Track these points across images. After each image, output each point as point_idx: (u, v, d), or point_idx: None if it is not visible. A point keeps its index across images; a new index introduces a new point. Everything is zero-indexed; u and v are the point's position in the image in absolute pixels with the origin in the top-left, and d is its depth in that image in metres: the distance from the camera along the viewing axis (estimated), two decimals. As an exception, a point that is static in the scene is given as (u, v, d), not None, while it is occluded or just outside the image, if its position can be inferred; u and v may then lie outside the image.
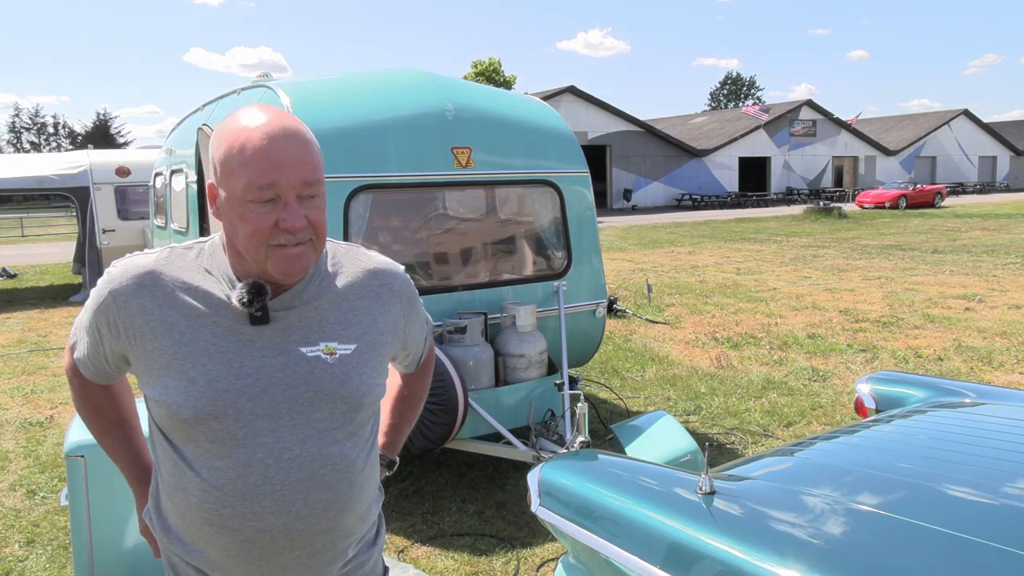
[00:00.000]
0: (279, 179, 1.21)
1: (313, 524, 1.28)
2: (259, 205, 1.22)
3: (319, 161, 1.27)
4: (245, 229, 1.23)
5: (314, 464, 1.27)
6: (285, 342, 1.29)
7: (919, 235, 19.85)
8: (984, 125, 54.40)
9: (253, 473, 1.24)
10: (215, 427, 1.23)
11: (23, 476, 4.65)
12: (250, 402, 1.24)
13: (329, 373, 1.30)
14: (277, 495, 1.25)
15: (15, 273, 15.09)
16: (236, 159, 1.22)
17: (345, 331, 1.34)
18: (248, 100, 4.72)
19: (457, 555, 3.59)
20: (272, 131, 1.22)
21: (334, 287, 1.36)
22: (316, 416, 1.28)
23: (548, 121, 4.84)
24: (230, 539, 1.26)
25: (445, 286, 4.38)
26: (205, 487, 1.25)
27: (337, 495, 1.29)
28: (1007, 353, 7.09)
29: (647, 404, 5.83)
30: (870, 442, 2.18)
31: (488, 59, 47.07)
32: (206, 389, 1.23)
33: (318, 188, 1.27)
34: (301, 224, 1.24)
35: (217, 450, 1.24)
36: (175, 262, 1.31)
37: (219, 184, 1.27)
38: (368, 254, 1.46)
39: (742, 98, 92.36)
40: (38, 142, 71.20)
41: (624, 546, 1.70)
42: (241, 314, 1.28)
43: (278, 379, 1.26)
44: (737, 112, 47.99)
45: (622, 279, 12.52)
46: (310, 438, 1.27)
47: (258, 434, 1.24)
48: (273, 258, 1.25)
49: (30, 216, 35.94)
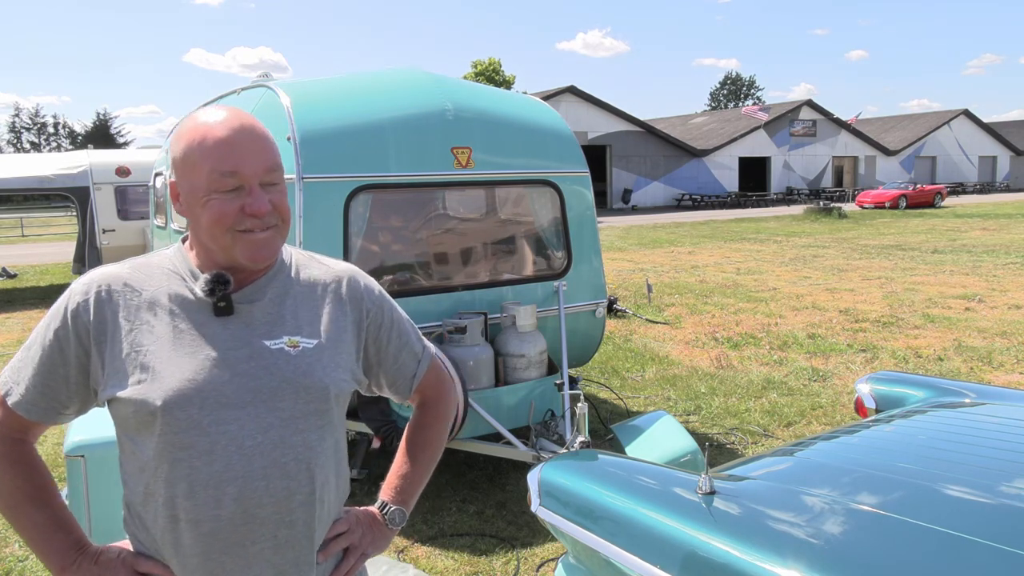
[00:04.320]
0: (242, 167, 1.25)
1: (274, 512, 1.28)
2: (223, 194, 1.25)
3: (277, 151, 1.32)
4: (209, 217, 1.26)
5: (276, 452, 1.28)
6: (249, 335, 1.31)
7: (919, 235, 19.85)
8: (984, 125, 54.39)
9: (217, 460, 1.25)
10: (180, 416, 1.24)
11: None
12: (215, 391, 1.26)
13: (292, 364, 1.31)
14: (240, 482, 1.25)
15: (15, 273, 15.09)
16: (197, 151, 1.25)
17: (308, 327, 1.36)
18: (248, 100, 4.72)
19: (457, 555, 3.59)
20: (231, 124, 1.27)
21: (296, 286, 1.39)
22: (280, 405, 1.29)
23: (548, 121, 4.84)
24: (193, 533, 1.26)
25: (445, 286, 4.38)
26: (171, 480, 1.25)
27: (298, 485, 1.30)
28: (1007, 353, 7.09)
29: (647, 404, 5.83)
30: (870, 442, 2.18)
31: (488, 59, 47.07)
32: (171, 380, 1.24)
33: (279, 175, 1.31)
34: (266, 208, 1.27)
35: (182, 440, 1.24)
36: (139, 269, 1.34)
37: (180, 180, 1.30)
38: (329, 259, 1.48)
39: (742, 98, 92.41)
40: (38, 142, 71.22)
41: (624, 546, 1.70)
42: (206, 307, 1.30)
43: (243, 370, 1.28)
44: (737, 112, 47.99)
45: (622, 279, 12.52)
46: (273, 427, 1.28)
47: (222, 422, 1.25)
48: (240, 244, 1.27)
49: (30, 216, 35.93)
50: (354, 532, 1.45)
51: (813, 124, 45.08)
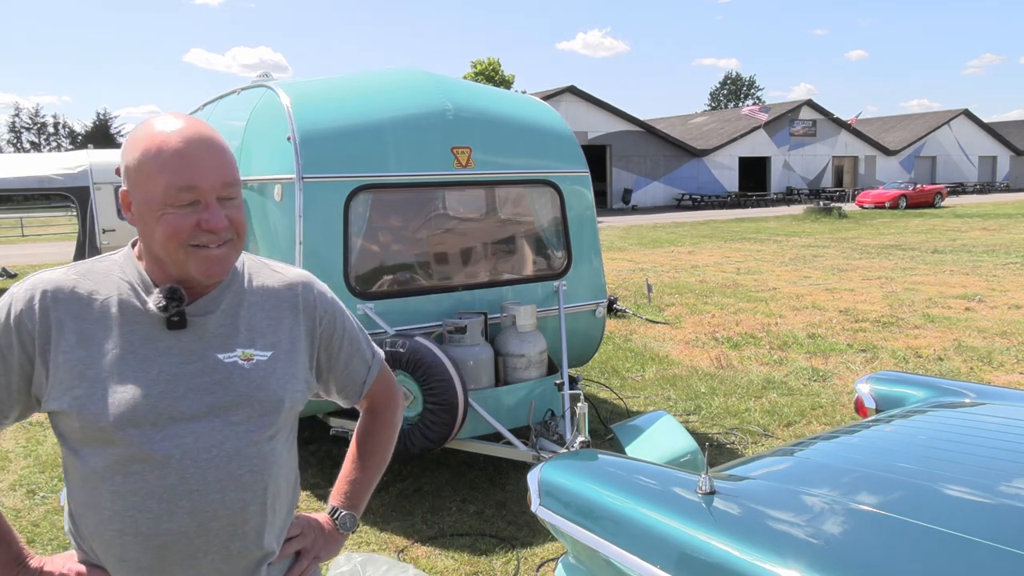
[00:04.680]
0: (199, 182, 1.22)
1: (228, 525, 1.27)
2: (178, 208, 1.22)
3: (235, 164, 1.29)
4: (164, 231, 1.23)
5: (232, 464, 1.27)
6: (203, 348, 1.29)
7: (919, 235, 19.85)
8: (984, 125, 54.37)
9: (172, 474, 1.23)
10: (133, 433, 1.22)
11: (23, 476, 4.65)
12: (169, 407, 1.24)
13: (246, 378, 1.30)
14: (195, 495, 1.24)
15: (15, 273, 15.09)
16: (153, 162, 1.21)
17: (261, 339, 1.34)
18: (248, 100, 4.72)
19: (457, 555, 3.59)
20: (188, 135, 1.22)
21: (250, 296, 1.37)
22: (234, 419, 1.28)
23: (548, 121, 4.85)
24: (142, 547, 1.24)
25: (445, 286, 4.38)
26: (120, 493, 1.23)
27: (252, 496, 1.29)
28: (1007, 353, 7.09)
29: (647, 404, 5.83)
30: (870, 442, 2.18)
31: (488, 59, 47.08)
32: (123, 395, 1.22)
33: (236, 189, 1.28)
34: (223, 224, 1.24)
35: (134, 455, 1.22)
36: (86, 276, 1.30)
37: (133, 190, 1.26)
38: (283, 266, 1.46)
39: (742, 98, 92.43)
40: (38, 142, 71.25)
41: (624, 546, 1.70)
42: (158, 320, 1.27)
43: (196, 384, 1.26)
44: (737, 112, 47.96)
45: (622, 279, 12.52)
46: (228, 439, 1.27)
47: (176, 436, 1.24)
48: (194, 259, 1.25)
49: (30, 216, 35.92)
50: (307, 536, 1.46)
51: (813, 124, 45.08)
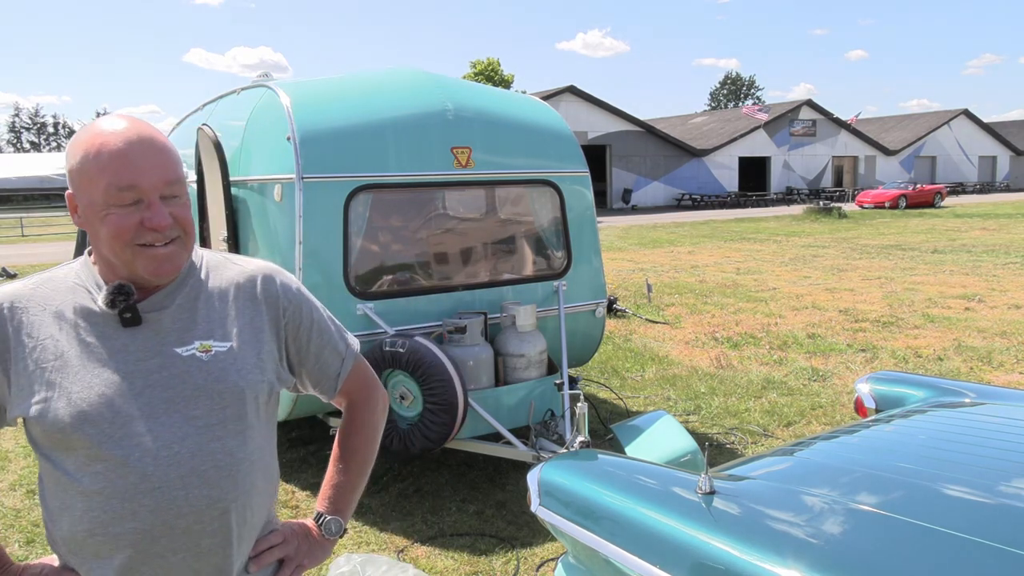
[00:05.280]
0: (139, 181, 1.22)
1: (195, 522, 1.26)
2: (121, 208, 1.22)
3: (178, 163, 1.28)
4: (108, 232, 1.23)
5: (194, 460, 1.26)
6: (160, 344, 1.28)
7: (919, 235, 19.85)
8: (984, 125, 54.36)
9: (132, 473, 1.23)
10: (91, 432, 1.22)
11: (23, 476, 4.65)
12: (126, 404, 1.24)
13: (204, 370, 1.29)
14: (156, 493, 1.23)
15: (15, 273, 15.09)
16: (93, 164, 1.22)
17: (220, 330, 1.33)
18: (248, 100, 4.72)
19: (457, 555, 3.59)
20: (129, 136, 1.23)
21: (207, 288, 1.36)
22: (194, 413, 1.27)
23: (548, 121, 4.85)
24: (112, 546, 1.24)
25: (445, 286, 4.38)
26: (87, 494, 1.23)
27: (220, 493, 1.27)
28: (1007, 353, 7.09)
29: (647, 404, 5.83)
30: (870, 442, 2.18)
31: (487, 59, 47.07)
32: (80, 396, 1.22)
33: (180, 188, 1.28)
34: (167, 222, 1.24)
35: (96, 454, 1.23)
36: (44, 284, 1.31)
37: (78, 192, 1.26)
38: (244, 259, 1.45)
39: (742, 98, 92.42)
40: (38, 142, 71.26)
41: (624, 546, 1.70)
42: (112, 320, 1.27)
43: (154, 381, 1.26)
44: (737, 112, 47.97)
45: (622, 279, 12.52)
46: (189, 435, 1.26)
47: (135, 435, 1.23)
48: (141, 258, 1.25)
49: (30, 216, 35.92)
50: (289, 543, 1.44)
51: (813, 124, 45.07)
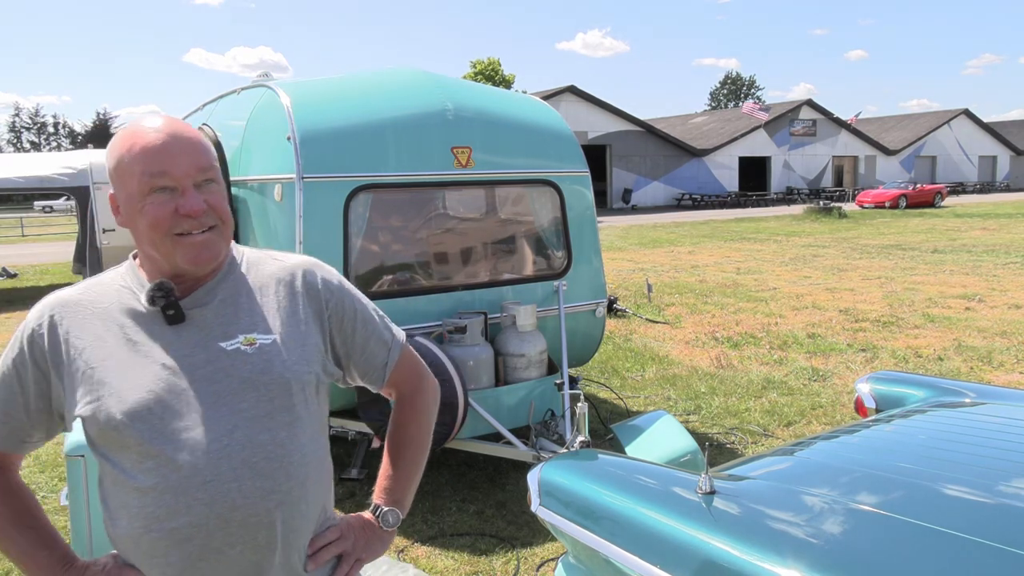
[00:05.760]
0: (172, 168, 1.25)
1: (251, 515, 1.26)
2: (156, 195, 1.25)
3: (210, 153, 1.31)
4: (146, 223, 1.26)
5: (244, 452, 1.26)
6: (204, 339, 1.30)
7: (919, 235, 19.84)
8: (984, 125, 54.36)
9: (184, 467, 1.24)
10: (142, 428, 1.24)
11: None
12: (175, 399, 1.25)
13: (250, 363, 1.30)
14: (209, 486, 1.24)
15: (15, 273, 15.09)
16: (127, 158, 1.26)
17: (263, 323, 1.34)
18: (248, 100, 4.72)
19: (457, 555, 3.59)
20: (161, 129, 1.27)
21: (249, 283, 1.38)
22: (241, 406, 1.28)
23: (548, 121, 4.84)
24: (168, 541, 1.25)
25: (445, 286, 4.38)
26: (141, 490, 1.25)
27: (274, 484, 1.28)
28: (1007, 353, 7.09)
29: (647, 404, 5.83)
30: (870, 442, 2.18)
31: (487, 59, 47.06)
32: (130, 394, 1.24)
33: (213, 174, 1.30)
34: (201, 208, 1.26)
35: (148, 451, 1.24)
36: (91, 289, 1.35)
37: (117, 190, 1.30)
38: (283, 254, 1.47)
39: (742, 98, 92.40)
40: (38, 142, 71.27)
41: (624, 546, 1.70)
42: (157, 318, 1.29)
43: (200, 375, 1.28)
44: (737, 112, 47.94)
45: (622, 279, 12.51)
46: (238, 427, 1.27)
47: (185, 429, 1.25)
48: (180, 248, 1.27)
49: (30, 216, 35.91)
50: (346, 538, 1.43)
51: (813, 124, 45.07)
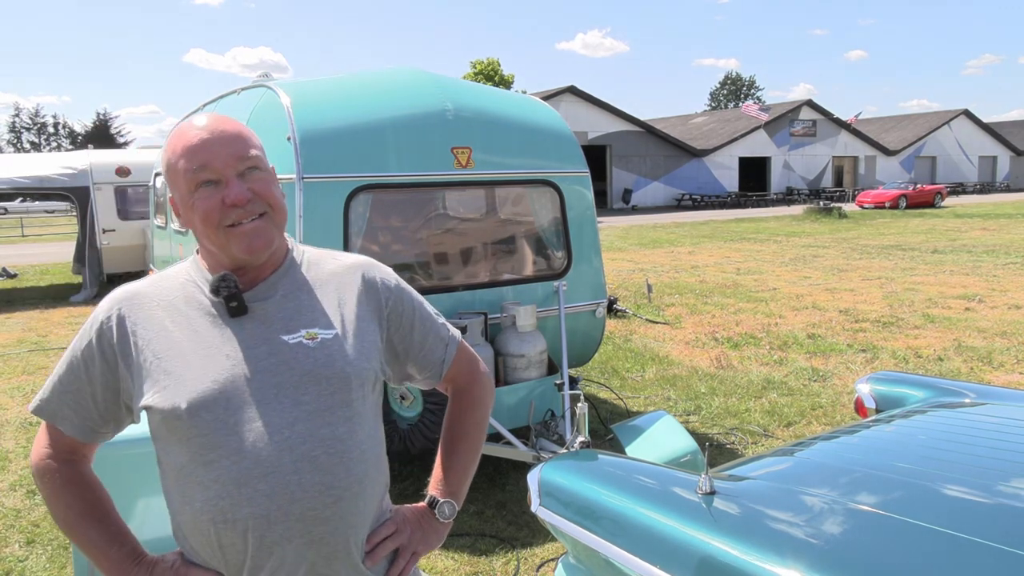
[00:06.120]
0: (211, 160, 1.28)
1: (309, 508, 1.27)
2: (203, 190, 1.28)
3: (251, 141, 1.33)
4: (199, 218, 1.29)
5: (305, 446, 1.27)
6: (267, 332, 1.32)
7: (919, 235, 19.84)
8: (984, 125, 54.36)
9: (246, 458, 1.25)
10: (207, 418, 1.25)
11: (23, 476, 4.65)
12: (238, 390, 1.27)
13: (312, 356, 1.31)
14: (270, 477, 1.25)
15: (15, 273, 15.09)
16: (174, 159, 1.30)
17: (324, 318, 1.36)
18: (248, 100, 4.72)
19: (457, 555, 3.59)
20: (203, 126, 1.31)
21: (309, 279, 1.40)
22: (303, 399, 1.29)
23: (548, 121, 4.84)
24: (233, 533, 1.26)
25: (445, 286, 4.38)
26: (204, 483, 1.26)
27: (333, 479, 1.28)
28: (1007, 353, 7.09)
29: (647, 404, 5.83)
30: (870, 442, 2.18)
31: (487, 59, 47.04)
32: (194, 383, 1.26)
33: (256, 162, 1.32)
34: (245, 195, 1.29)
35: (210, 442, 1.26)
36: (159, 282, 1.38)
37: (172, 191, 1.35)
38: (342, 253, 1.50)
39: (742, 98, 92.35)
40: (38, 142, 71.22)
41: (624, 546, 1.70)
42: (221, 310, 1.32)
43: (263, 367, 1.29)
44: (737, 112, 47.94)
45: (622, 279, 12.52)
46: (299, 420, 1.28)
47: (248, 420, 1.26)
48: (233, 239, 1.29)
49: (30, 216, 35.92)
50: (402, 532, 1.43)
51: (813, 124, 45.08)
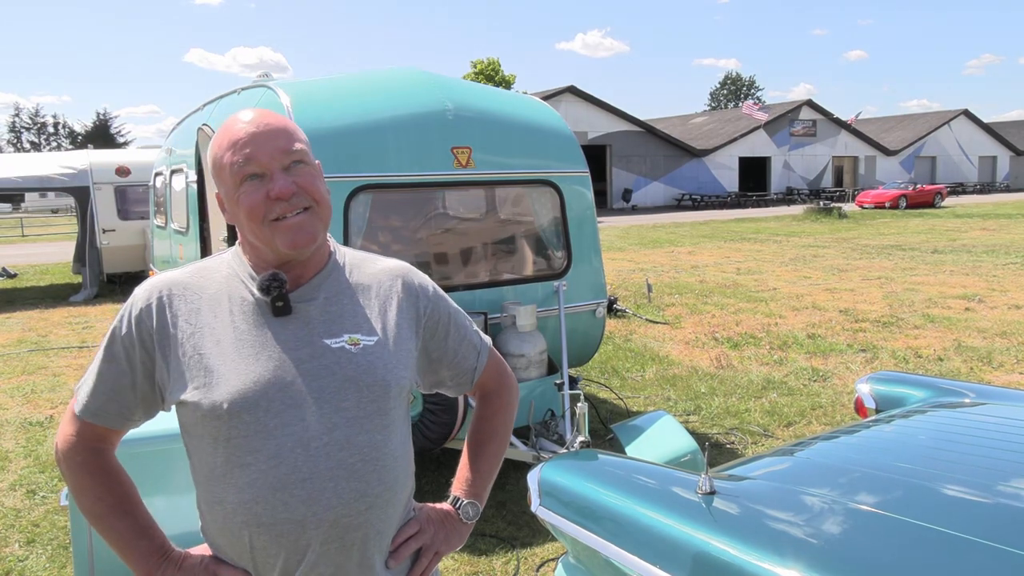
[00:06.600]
0: (256, 154, 1.27)
1: (343, 515, 1.27)
2: (248, 184, 1.28)
3: (296, 135, 1.33)
4: (244, 212, 1.28)
5: (342, 453, 1.27)
6: (309, 334, 1.31)
7: (919, 235, 19.84)
8: (984, 125, 54.35)
9: (284, 463, 1.24)
10: (247, 419, 1.24)
11: (23, 476, 4.65)
12: (279, 392, 1.26)
13: (354, 362, 1.30)
14: (306, 483, 1.25)
15: (15, 273, 15.09)
16: (220, 153, 1.31)
17: (366, 324, 1.35)
18: (248, 100, 4.72)
19: (457, 555, 3.59)
20: (250, 119, 1.31)
21: (351, 284, 1.39)
22: (344, 404, 1.28)
23: (548, 121, 4.84)
24: (266, 536, 1.26)
25: (445, 286, 4.34)
26: (239, 486, 1.25)
27: (366, 487, 1.28)
28: (1007, 353, 7.09)
29: (647, 404, 5.83)
30: (870, 442, 2.18)
31: (488, 59, 47.03)
32: (236, 382, 1.25)
33: (301, 156, 1.32)
34: (290, 189, 1.28)
35: (249, 444, 1.25)
36: (199, 273, 1.36)
37: (219, 187, 1.34)
38: (382, 258, 1.49)
39: (742, 98, 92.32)
40: (38, 142, 71.18)
41: (624, 546, 1.70)
42: (265, 309, 1.31)
43: (305, 370, 1.28)
44: (737, 112, 47.94)
45: (622, 279, 12.51)
46: (338, 426, 1.27)
47: (287, 423, 1.25)
48: (277, 233, 1.28)
49: (30, 216, 35.92)
50: (425, 532, 1.43)
51: (813, 124, 45.07)
